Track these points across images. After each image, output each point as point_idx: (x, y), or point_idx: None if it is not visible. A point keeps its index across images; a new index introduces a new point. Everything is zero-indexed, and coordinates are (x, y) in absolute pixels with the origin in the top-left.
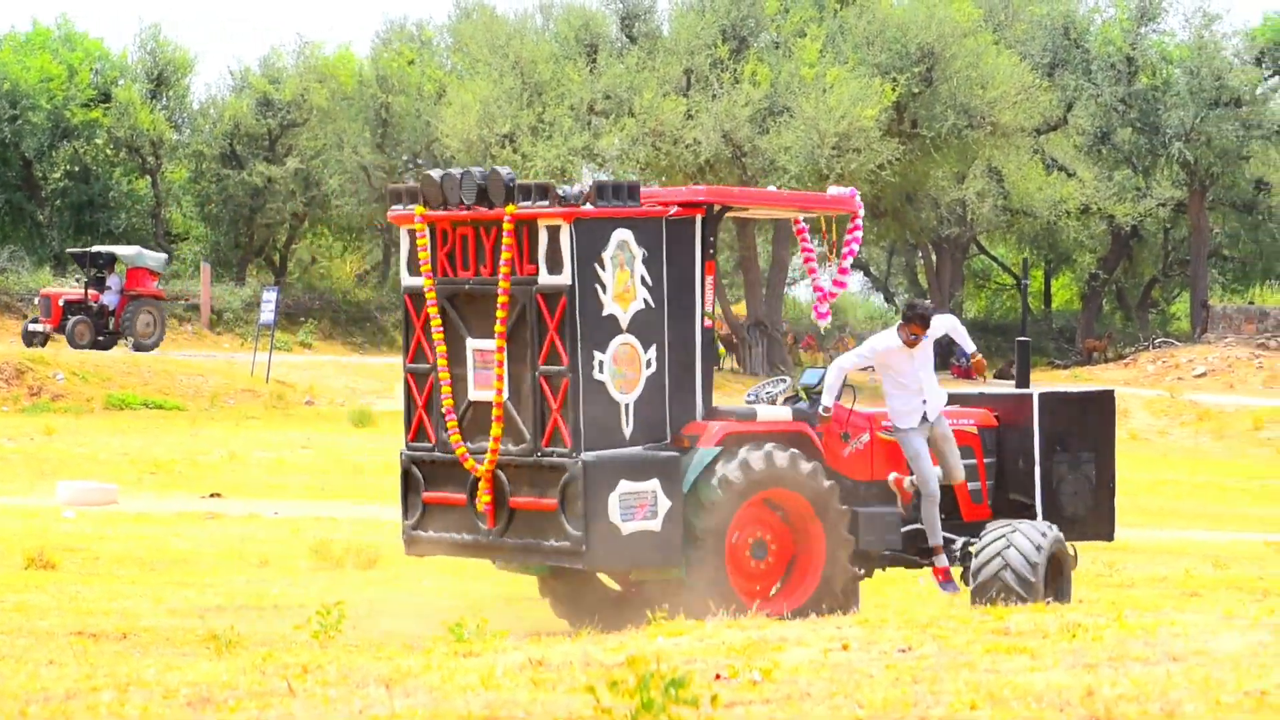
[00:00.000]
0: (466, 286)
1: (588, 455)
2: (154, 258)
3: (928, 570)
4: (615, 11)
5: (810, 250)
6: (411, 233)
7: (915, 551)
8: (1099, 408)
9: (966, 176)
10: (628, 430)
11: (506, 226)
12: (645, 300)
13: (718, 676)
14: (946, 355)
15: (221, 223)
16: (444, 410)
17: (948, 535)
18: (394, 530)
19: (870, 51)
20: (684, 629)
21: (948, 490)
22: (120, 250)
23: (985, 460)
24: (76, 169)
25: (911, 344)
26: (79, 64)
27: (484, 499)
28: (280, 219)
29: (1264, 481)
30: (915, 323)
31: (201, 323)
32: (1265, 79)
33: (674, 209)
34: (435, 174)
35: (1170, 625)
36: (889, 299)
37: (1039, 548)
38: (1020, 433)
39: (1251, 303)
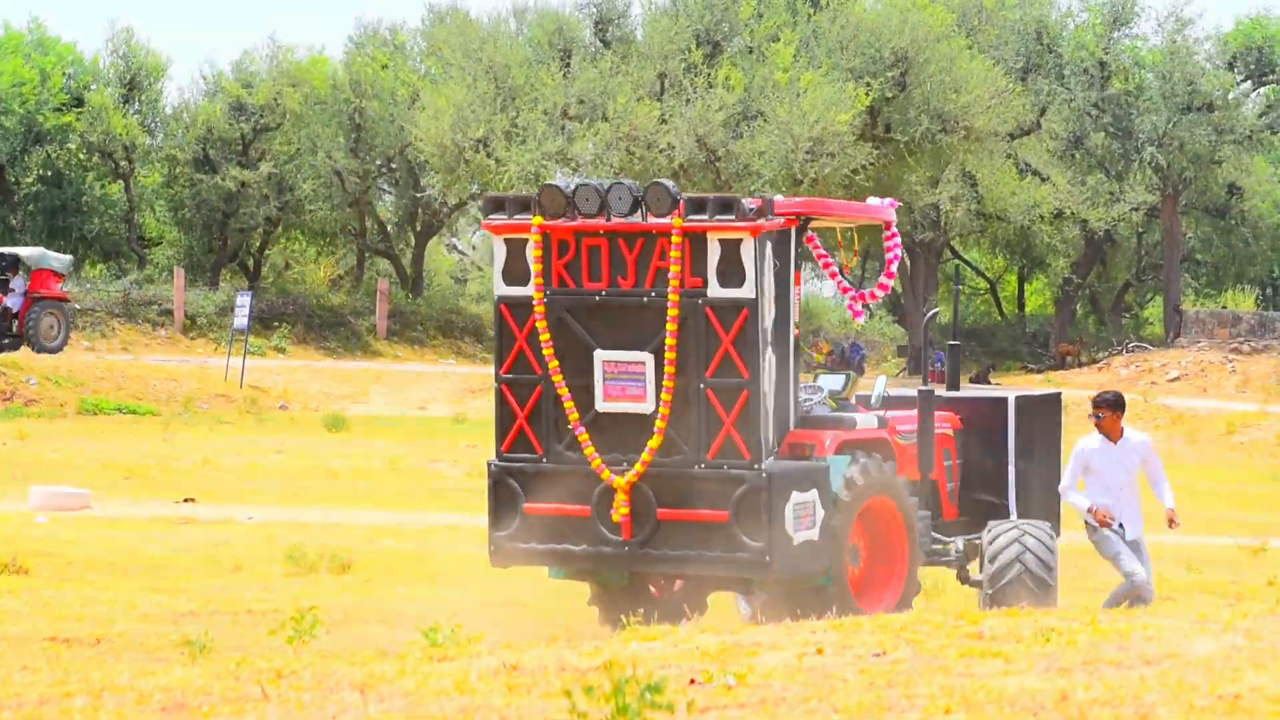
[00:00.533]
0: (597, 298)
1: (773, 466)
2: (58, 259)
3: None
4: (589, 16)
5: (826, 255)
6: (515, 242)
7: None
8: (1051, 410)
9: (940, 181)
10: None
11: (676, 239)
12: (773, 311)
13: (692, 681)
14: (920, 360)
15: (195, 227)
16: (571, 422)
17: (941, 538)
18: (366, 535)
19: (844, 56)
20: (658, 634)
21: (934, 488)
22: (23, 252)
23: (958, 461)
24: (49, 174)
25: (1101, 428)
26: (51, 68)
27: (622, 510)
28: (254, 223)
29: (1237, 485)
30: (1100, 406)
31: (175, 327)
32: (1237, 84)
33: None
34: (562, 184)
35: (1143, 629)
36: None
37: (1052, 549)
38: (991, 434)
39: (1224, 307)
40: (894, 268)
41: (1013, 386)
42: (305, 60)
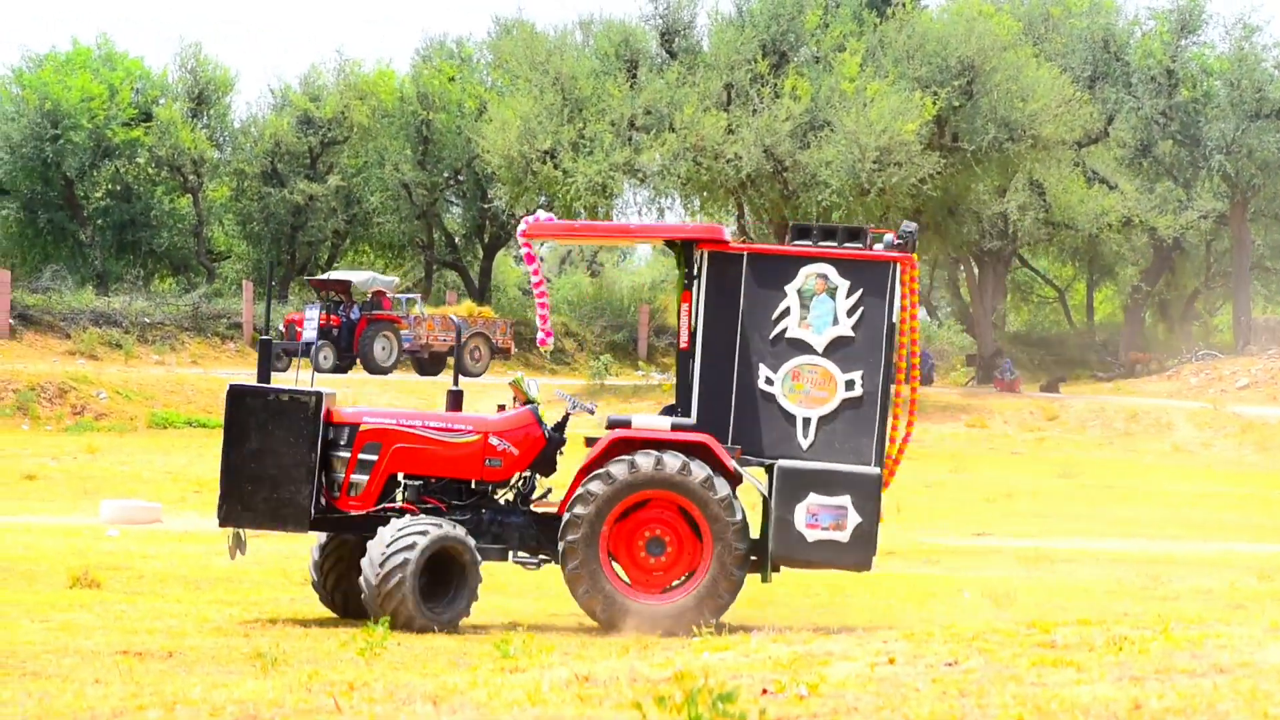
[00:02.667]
0: None
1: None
2: (386, 281)
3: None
4: (655, 27)
5: (536, 266)
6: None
7: None
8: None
9: (1008, 190)
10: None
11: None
12: None
13: (764, 691)
14: (989, 369)
15: (263, 241)
16: None
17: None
18: None
19: (910, 65)
20: (730, 644)
21: None
22: (355, 276)
23: None
24: (118, 188)
25: None
26: (120, 83)
27: None
28: (322, 237)
29: None
30: None
31: (244, 340)
32: None
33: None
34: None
35: (1216, 637)
36: (931, 313)
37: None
38: None
39: None
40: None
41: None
42: (372, 73)
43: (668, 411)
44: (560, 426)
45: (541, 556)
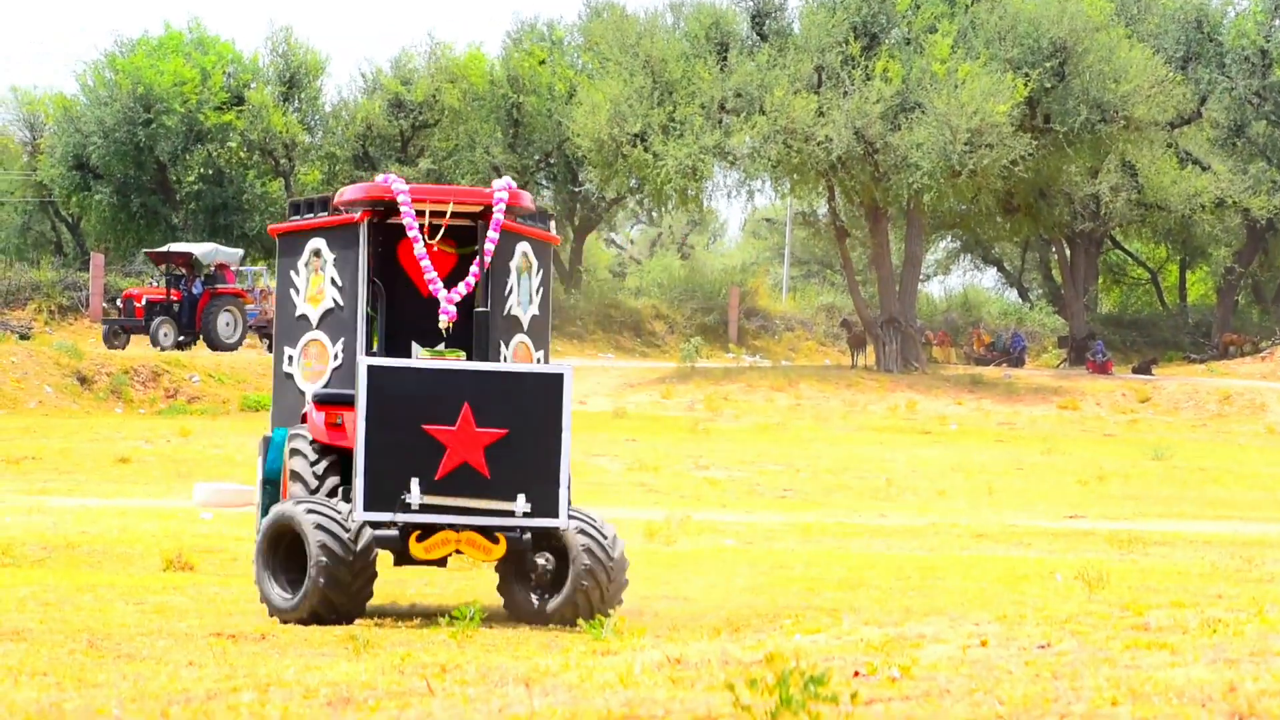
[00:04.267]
0: None
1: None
2: (231, 254)
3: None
4: (746, 9)
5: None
6: None
7: None
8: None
9: (1100, 171)
10: None
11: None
12: (334, 299)
13: (856, 674)
14: (1082, 351)
15: None
16: None
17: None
18: None
19: (1002, 46)
20: (821, 626)
21: None
22: (197, 248)
23: None
24: (210, 172)
25: None
26: (211, 67)
27: None
28: None
29: None
30: None
31: None
32: None
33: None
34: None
35: None
36: (1023, 295)
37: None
38: None
39: None
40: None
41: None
42: (463, 56)
43: None
44: None
45: None
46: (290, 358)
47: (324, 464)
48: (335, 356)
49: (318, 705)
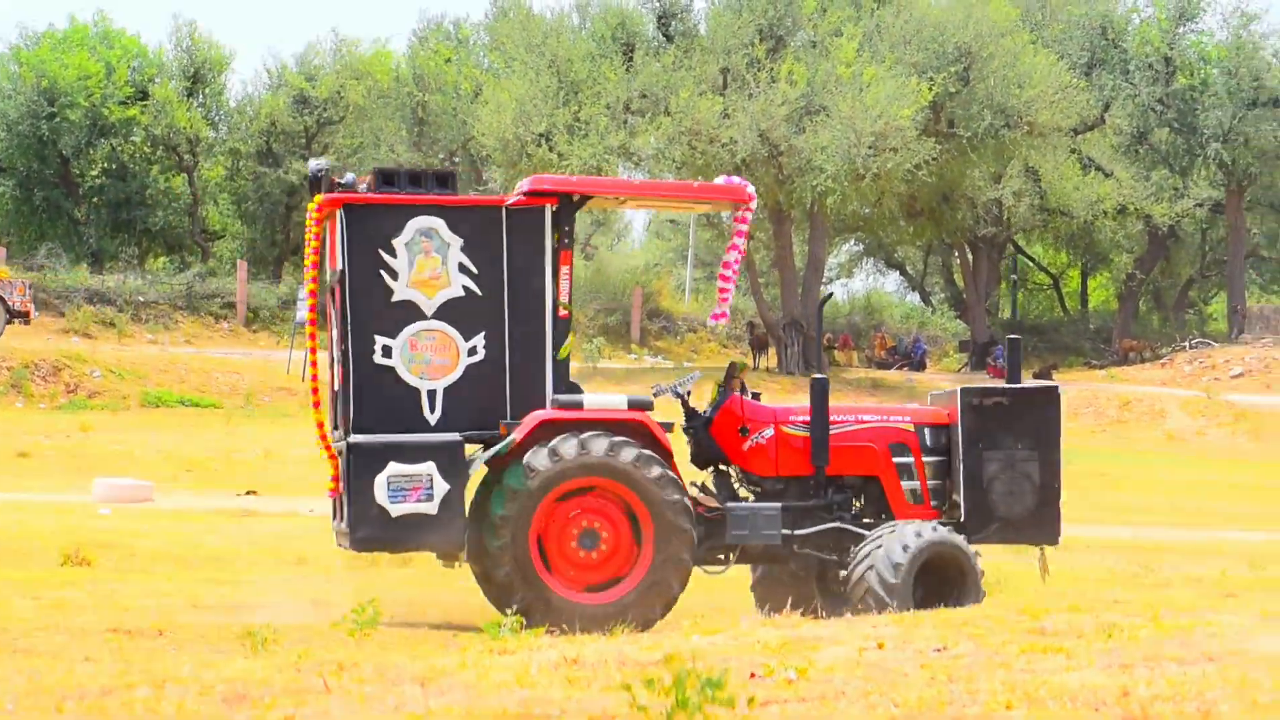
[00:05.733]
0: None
1: (361, 438)
2: None
3: None
4: (652, 10)
5: (736, 246)
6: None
7: (837, 551)
8: (1039, 405)
9: (1003, 176)
10: (433, 416)
11: (314, 216)
12: (464, 287)
13: (753, 675)
14: (983, 356)
15: (258, 220)
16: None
17: (860, 532)
18: None
19: (907, 51)
20: (719, 628)
21: (876, 486)
22: None
23: (926, 459)
24: (114, 166)
25: None
26: (116, 61)
27: (329, 484)
28: None
29: None
30: None
31: (238, 320)
32: None
33: (513, 198)
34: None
35: (1206, 626)
36: (925, 299)
37: (906, 549)
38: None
39: None
40: (731, 256)
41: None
42: (369, 53)
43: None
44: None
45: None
46: (386, 348)
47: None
48: (471, 351)
49: (214, 702)
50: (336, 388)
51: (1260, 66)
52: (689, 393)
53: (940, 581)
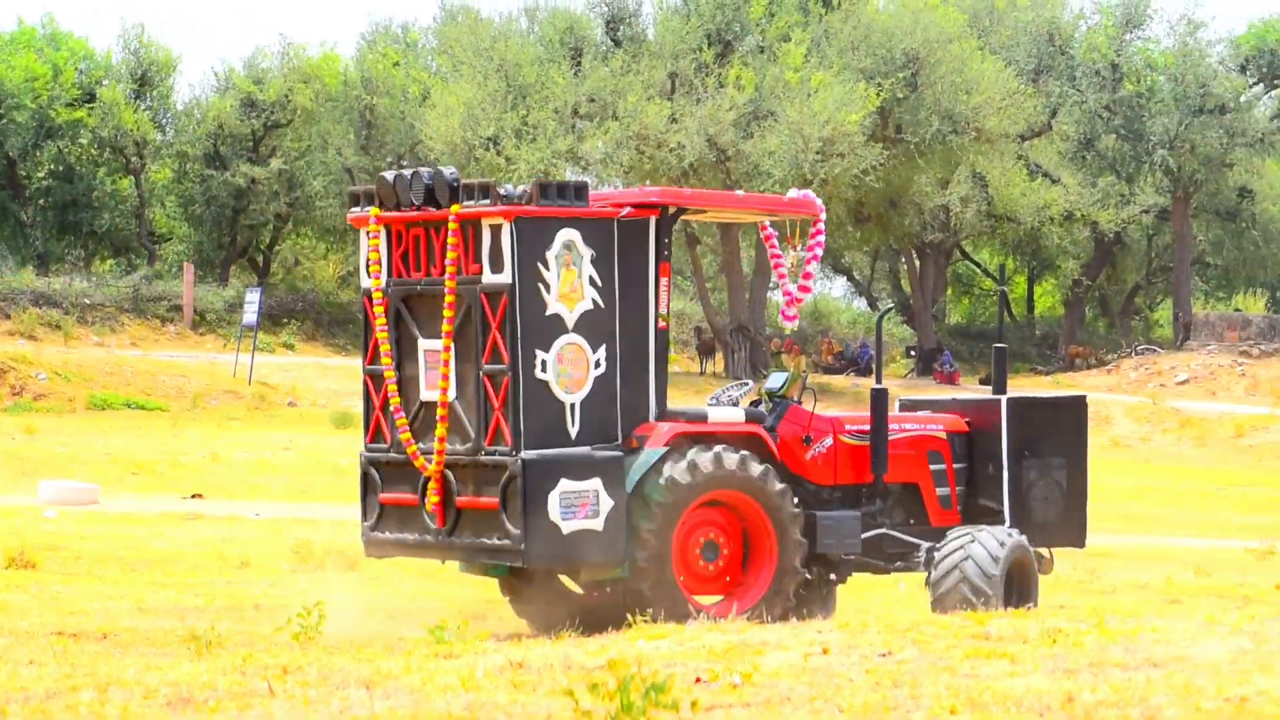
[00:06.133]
0: (418, 288)
1: (533, 454)
2: None
3: (907, 576)
4: (600, 15)
5: (778, 255)
6: (367, 234)
7: (881, 558)
8: (1070, 414)
9: (950, 182)
10: (573, 430)
11: (452, 225)
12: (594, 300)
13: (698, 680)
14: (930, 362)
15: (205, 223)
16: (394, 410)
17: (912, 540)
18: None
19: (855, 56)
20: (664, 632)
21: (914, 493)
22: None
23: (955, 466)
24: (60, 168)
25: None
26: (64, 64)
27: (433, 499)
28: (263, 220)
29: (1245, 488)
30: None
31: (184, 323)
32: (1249, 86)
33: (626, 210)
34: (388, 175)
35: (1151, 631)
36: (872, 304)
37: (996, 557)
38: (990, 438)
39: (1237, 309)
40: (813, 267)
41: (1023, 389)
42: (317, 57)
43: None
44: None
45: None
46: (544, 363)
47: None
48: (597, 364)
49: (158, 705)
50: (449, 399)
51: (1206, 73)
52: (736, 402)
53: (1008, 582)
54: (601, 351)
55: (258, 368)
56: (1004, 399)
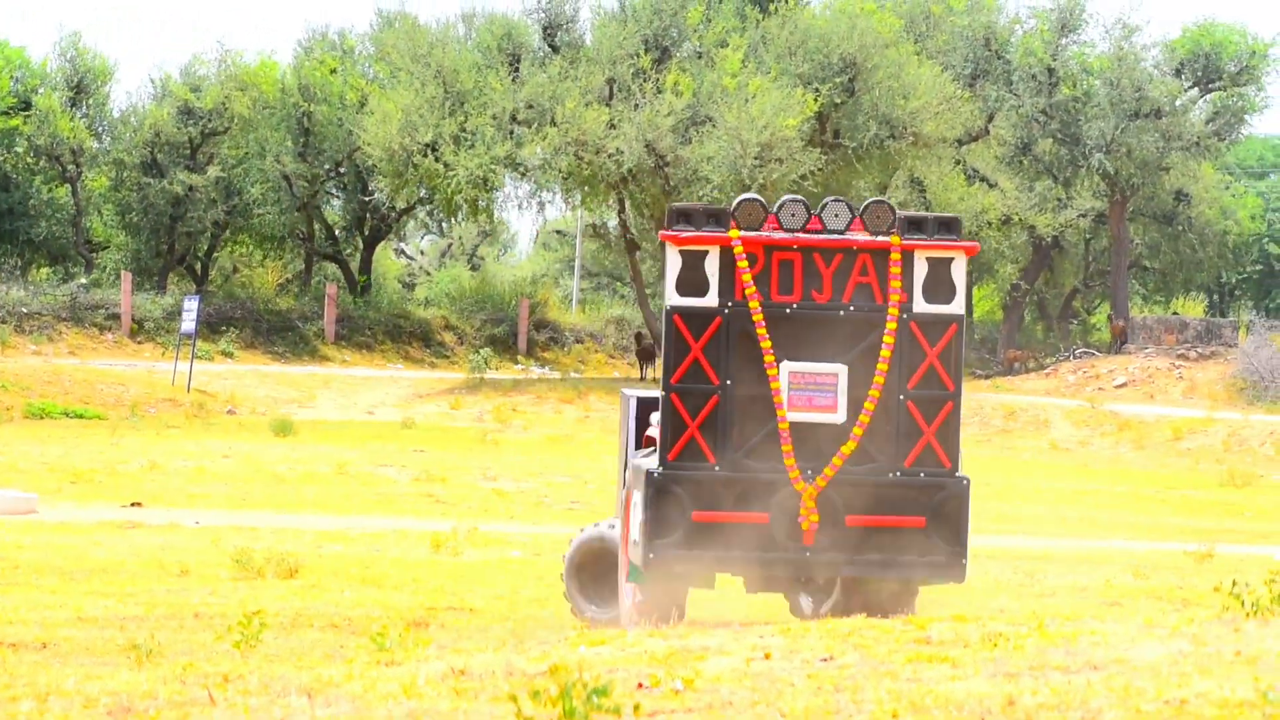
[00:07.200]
0: (788, 310)
1: (966, 475)
2: None
3: None
4: (538, 21)
5: None
6: (692, 253)
7: None
8: None
9: (888, 187)
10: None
11: (895, 256)
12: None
13: (640, 685)
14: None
15: (142, 231)
16: (780, 430)
17: None
18: (313, 540)
19: (792, 62)
20: (606, 638)
21: None
22: None
23: None
24: None
25: None
26: None
27: (812, 517)
28: (201, 228)
29: (1183, 491)
30: None
31: (122, 331)
32: (1185, 90)
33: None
34: (756, 198)
35: (1091, 634)
36: None
37: None
38: None
39: (1175, 313)
40: None
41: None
42: (254, 64)
43: None
44: None
45: None
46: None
47: None
48: None
49: (98, 715)
50: (840, 421)
51: (1142, 78)
52: None
53: None
54: None
55: (196, 375)
56: None
